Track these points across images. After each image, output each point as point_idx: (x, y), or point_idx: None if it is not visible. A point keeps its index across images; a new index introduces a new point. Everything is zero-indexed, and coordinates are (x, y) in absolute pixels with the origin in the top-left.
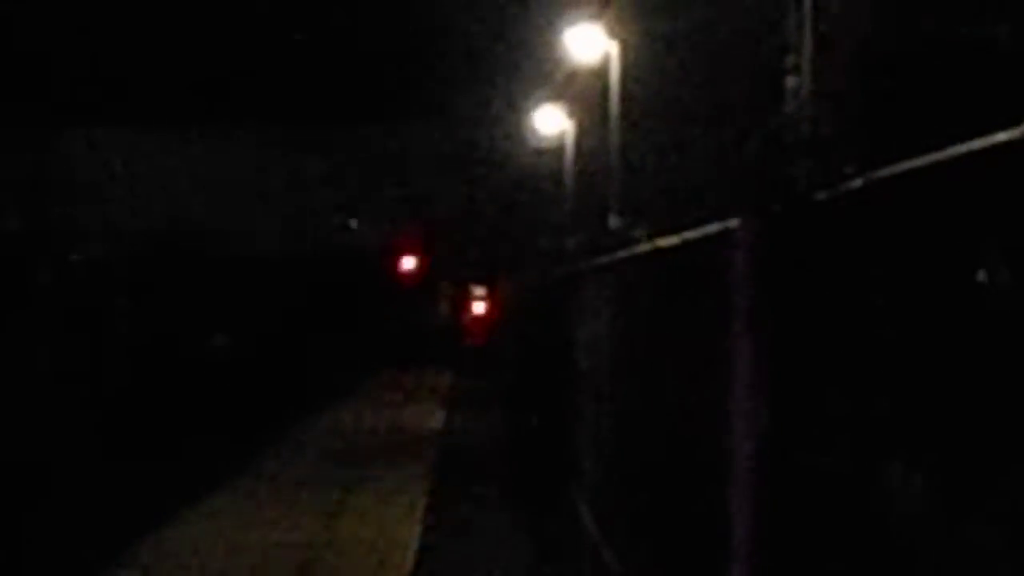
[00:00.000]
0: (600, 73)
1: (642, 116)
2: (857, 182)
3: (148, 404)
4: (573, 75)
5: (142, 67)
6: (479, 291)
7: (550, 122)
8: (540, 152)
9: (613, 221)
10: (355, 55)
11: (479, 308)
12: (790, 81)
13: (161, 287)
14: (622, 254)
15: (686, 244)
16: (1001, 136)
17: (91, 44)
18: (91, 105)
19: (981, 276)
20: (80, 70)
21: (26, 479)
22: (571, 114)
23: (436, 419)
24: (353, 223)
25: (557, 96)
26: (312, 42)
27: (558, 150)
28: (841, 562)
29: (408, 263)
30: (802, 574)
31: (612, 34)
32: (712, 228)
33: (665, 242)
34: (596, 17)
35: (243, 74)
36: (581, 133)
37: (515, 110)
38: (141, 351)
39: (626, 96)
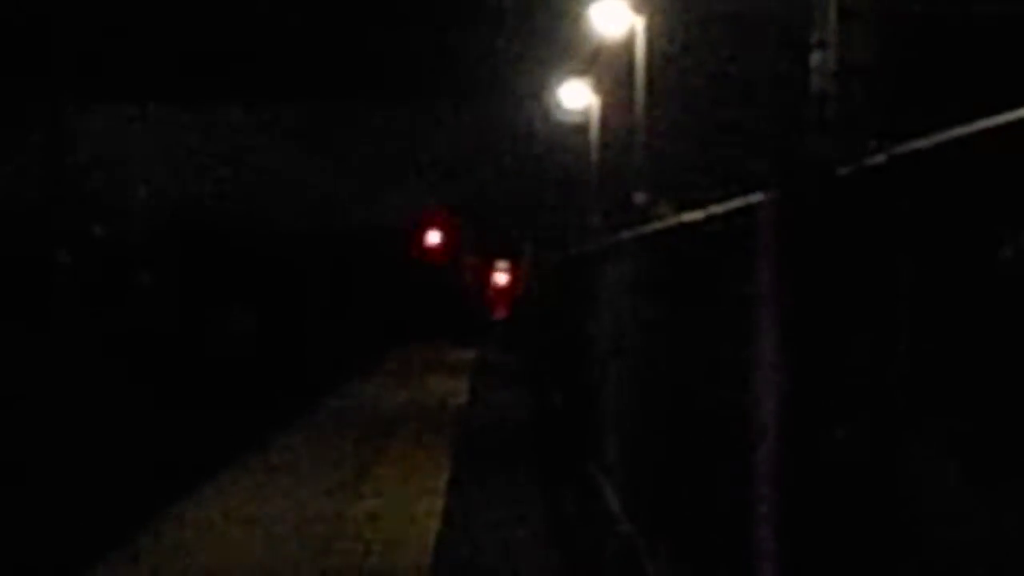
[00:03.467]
0: (626, 48)
1: (668, 91)
2: (880, 157)
3: (171, 380)
4: (598, 50)
5: (164, 42)
6: (503, 265)
7: (575, 97)
8: (565, 127)
9: (638, 197)
10: (380, 32)
11: (501, 279)
12: (815, 57)
13: (185, 264)
14: (647, 229)
15: (711, 219)
16: None
17: (112, 18)
18: (111, 80)
19: (1006, 251)
20: (100, 45)
21: (47, 454)
22: (596, 89)
23: (459, 395)
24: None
25: (583, 71)
26: (337, 19)
27: (583, 125)
28: (865, 536)
29: (433, 238)
30: (828, 544)
31: (637, 8)
32: (736, 203)
33: (690, 217)
34: None
35: (268, 50)
36: (606, 108)
37: (540, 85)
38: (164, 328)
39: (652, 71)
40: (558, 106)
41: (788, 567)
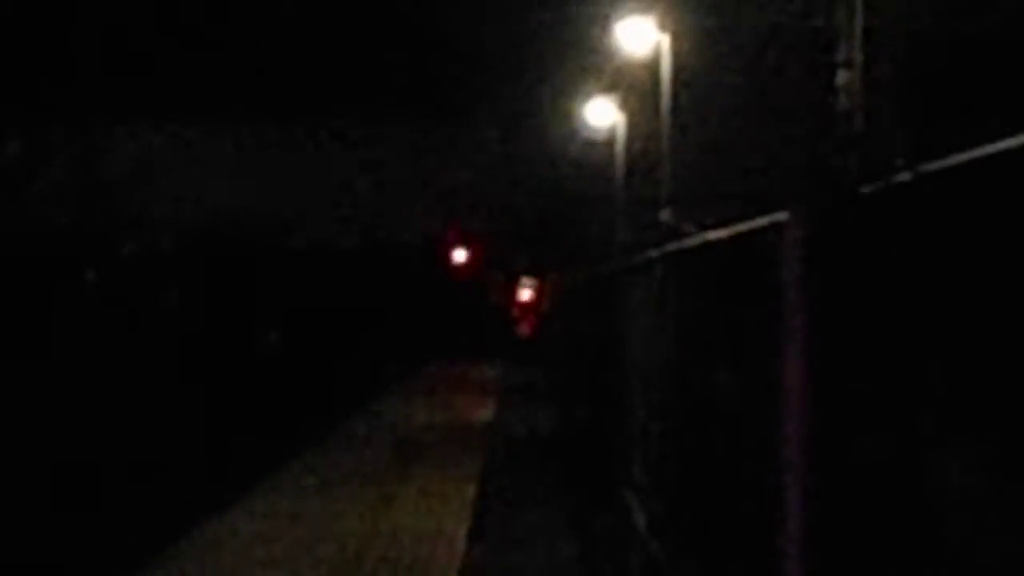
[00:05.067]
0: (651, 65)
1: (693, 109)
2: (905, 175)
3: (199, 399)
4: (624, 67)
5: (192, 59)
6: (528, 283)
7: (601, 114)
8: (591, 144)
9: (664, 214)
10: (406, 48)
11: (526, 295)
12: (841, 75)
13: (212, 281)
14: (672, 247)
15: (736, 237)
16: None
17: (139, 36)
18: (138, 98)
19: None
20: (127, 63)
21: (78, 475)
22: (622, 106)
23: (486, 412)
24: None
25: (608, 88)
26: (364, 38)
27: (609, 142)
28: (895, 558)
29: (459, 256)
30: (857, 566)
31: (663, 27)
32: (761, 221)
33: (715, 235)
34: (647, 10)
35: (298, 68)
36: (632, 125)
37: (566, 102)
38: (192, 346)
39: (677, 89)
40: (584, 124)
41: None
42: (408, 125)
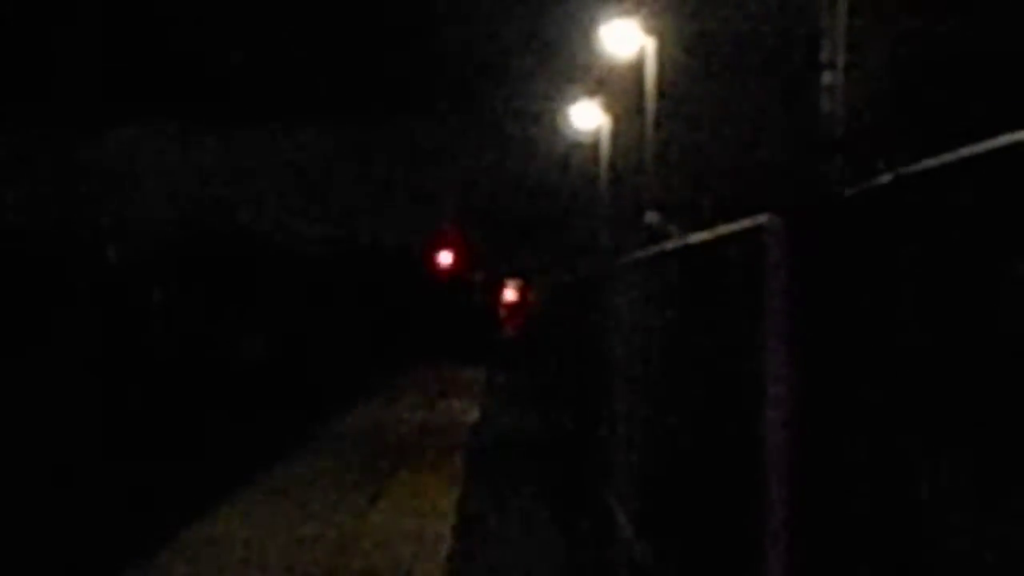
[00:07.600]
0: (636, 68)
1: (677, 111)
2: (886, 178)
3: (183, 400)
4: (609, 70)
5: (176, 62)
6: (513, 284)
7: (586, 117)
8: (576, 147)
9: (649, 216)
10: (392, 51)
11: (511, 298)
12: (824, 78)
13: (198, 284)
14: (656, 250)
15: (719, 240)
16: None
17: (127, 40)
18: (123, 102)
19: (1022, 268)
20: (112, 66)
21: (62, 475)
22: (607, 109)
23: (469, 415)
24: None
25: (594, 91)
26: (350, 38)
27: (594, 145)
28: (878, 558)
29: (445, 258)
30: (840, 566)
31: (648, 30)
32: (744, 224)
33: (698, 238)
34: (632, 13)
35: (281, 70)
36: (617, 128)
37: (552, 105)
38: (177, 347)
39: (661, 91)
40: (569, 126)
41: None
42: (393, 129)
